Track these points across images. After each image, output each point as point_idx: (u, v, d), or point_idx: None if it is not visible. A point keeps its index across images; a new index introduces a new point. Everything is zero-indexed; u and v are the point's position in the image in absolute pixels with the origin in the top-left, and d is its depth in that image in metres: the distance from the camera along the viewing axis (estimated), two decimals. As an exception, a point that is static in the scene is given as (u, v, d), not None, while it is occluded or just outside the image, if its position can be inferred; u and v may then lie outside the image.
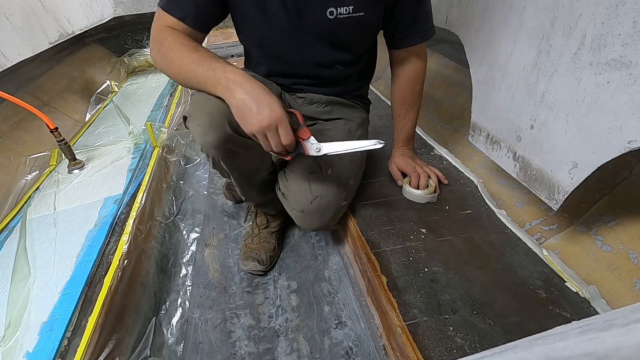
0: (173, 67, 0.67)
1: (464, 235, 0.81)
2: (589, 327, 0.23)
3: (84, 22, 1.81)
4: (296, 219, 0.84)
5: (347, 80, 0.89)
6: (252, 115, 0.59)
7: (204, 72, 0.64)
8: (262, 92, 0.60)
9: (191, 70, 0.65)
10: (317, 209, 0.79)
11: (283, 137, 0.61)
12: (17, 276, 0.81)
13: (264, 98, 0.60)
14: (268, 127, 0.60)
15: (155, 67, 2.35)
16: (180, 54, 0.65)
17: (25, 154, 1.23)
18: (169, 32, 0.68)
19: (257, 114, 0.59)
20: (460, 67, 1.30)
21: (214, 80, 0.63)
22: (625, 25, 0.49)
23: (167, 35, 0.68)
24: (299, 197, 0.80)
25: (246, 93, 0.60)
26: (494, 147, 0.85)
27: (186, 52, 0.65)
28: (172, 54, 0.66)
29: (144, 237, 0.96)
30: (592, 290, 0.65)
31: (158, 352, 0.79)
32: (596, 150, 0.57)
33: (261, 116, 0.59)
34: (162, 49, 0.68)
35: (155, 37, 0.70)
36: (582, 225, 0.75)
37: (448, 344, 0.60)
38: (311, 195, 0.79)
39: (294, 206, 0.81)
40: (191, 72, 0.65)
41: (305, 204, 0.79)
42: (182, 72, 0.66)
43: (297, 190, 0.80)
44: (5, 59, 1.21)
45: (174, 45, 0.66)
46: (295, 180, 0.81)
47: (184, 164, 1.47)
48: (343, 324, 0.84)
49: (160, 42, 0.68)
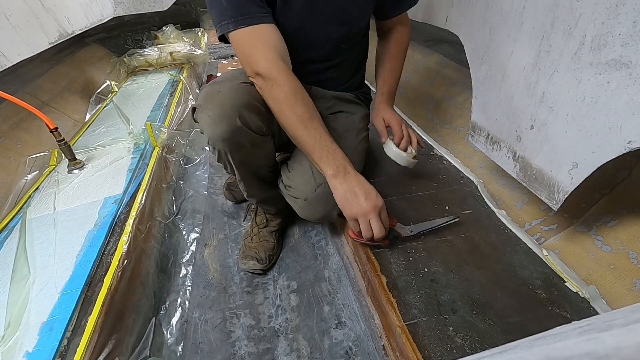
0: (286, 119, 0.71)
1: (464, 235, 0.81)
2: (589, 327, 0.23)
3: (84, 22, 1.81)
4: (300, 209, 0.84)
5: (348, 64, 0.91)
6: (360, 201, 0.68)
7: (321, 150, 0.70)
8: (367, 184, 0.71)
9: (306, 140, 0.70)
10: (321, 196, 0.80)
11: (384, 220, 0.71)
12: (17, 276, 0.81)
13: (370, 188, 0.70)
14: (372, 212, 0.68)
15: (155, 67, 2.36)
16: (299, 116, 0.70)
17: (25, 154, 1.23)
18: (282, 74, 0.69)
19: (365, 200, 0.68)
20: (460, 67, 1.30)
21: (333, 162, 0.70)
22: (625, 25, 0.49)
23: (282, 79, 0.69)
24: (302, 186, 0.81)
25: (357, 183, 0.69)
26: (494, 147, 0.85)
27: (305, 116, 0.70)
28: (289, 111, 0.70)
29: (144, 237, 0.96)
30: (592, 291, 0.65)
31: (158, 352, 0.79)
32: (596, 150, 0.57)
33: (369, 202, 0.68)
34: (277, 97, 0.70)
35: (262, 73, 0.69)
36: (582, 226, 0.75)
37: (448, 344, 0.60)
38: (315, 182, 0.79)
39: (298, 195, 0.82)
40: (305, 140, 0.70)
41: (309, 192, 0.80)
42: (294, 132, 0.71)
43: (301, 179, 0.81)
44: (5, 59, 1.21)
45: (291, 100, 0.69)
46: (299, 169, 0.82)
47: (184, 164, 1.47)
48: (343, 324, 0.84)
49: (275, 85, 0.69)
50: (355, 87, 0.97)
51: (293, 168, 0.83)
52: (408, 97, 1.52)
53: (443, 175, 1.03)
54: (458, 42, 0.95)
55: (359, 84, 0.99)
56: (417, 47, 1.61)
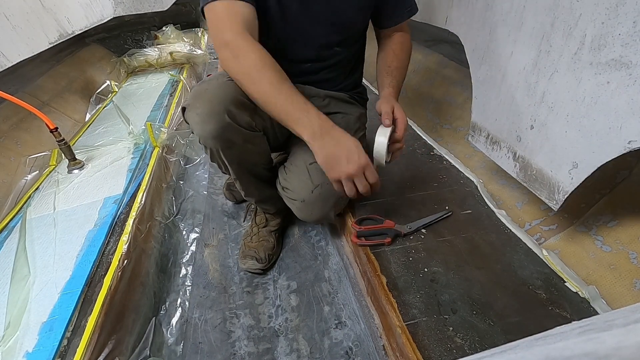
0: (255, 86, 0.67)
1: (464, 235, 0.81)
2: (589, 327, 0.23)
3: (84, 22, 1.81)
4: (298, 211, 0.84)
5: (343, 65, 0.91)
6: (342, 164, 0.65)
7: (294, 112, 0.66)
8: (350, 141, 0.67)
9: (280, 103, 0.66)
10: (318, 198, 0.80)
11: (370, 178, 0.67)
12: (17, 276, 0.81)
13: (352, 148, 0.66)
14: (356, 173, 0.66)
15: (155, 67, 2.36)
16: (268, 79, 0.66)
17: (25, 154, 1.23)
18: (246, 41, 0.66)
19: (348, 162, 0.65)
20: (460, 67, 1.30)
21: (307, 123, 0.66)
22: (625, 25, 0.49)
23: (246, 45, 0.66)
24: (299, 187, 0.81)
25: (337, 143, 0.66)
26: (494, 147, 0.85)
27: (274, 79, 0.66)
28: (258, 75, 0.66)
29: (144, 237, 0.96)
30: (592, 291, 0.65)
31: (158, 352, 0.79)
32: (596, 150, 0.57)
33: (351, 165, 0.65)
34: (244, 64, 0.66)
35: (229, 42, 0.67)
36: (582, 226, 0.75)
37: (448, 344, 0.60)
38: (312, 184, 0.79)
39: (295, 197, 0.82)
40: (279, 104, 0.66)
41: (306, 193, 0.80)
42: (265, 97, 0.67)
43: (298, 180, 0.81)
44: (5, 59, 1.21)
45: (259, 65, 0.66)
46: (296, 171, 0.82)
47: (184, 164, 1.47)
48: (343, 324, 0.84)
49: (241, 53, 0.66)
50: (350, 88, 0.97)
51: (290, 170, 0.83)
52: (408, 97, 1.52)
53: (443, 175, 1.03)
54: (458, 42, 0.95)
55: (354, 85, 0.99)
56: (417, 47, 1.60)
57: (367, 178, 0.68)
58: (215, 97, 0.69)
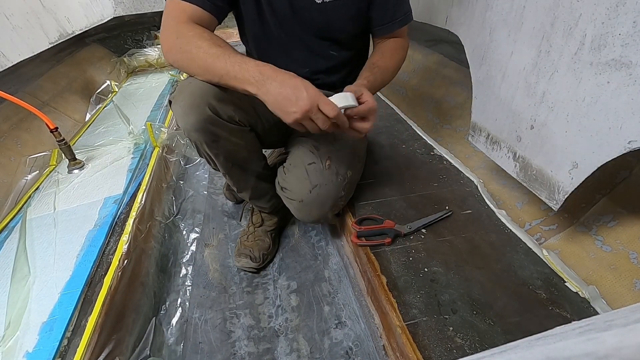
0: (194, 60, 0.66)
1: (464, 235, 0.81)
2: (589, 327, 0.23)
3: (84, 22, 1.81)
4: (296, 211, 0.84)
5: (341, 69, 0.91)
6: (292, 103, 0.60)
7: (232, 68, 0.63)
8: (295, 79, 0.62)
9: (218, 66, 0.64)
10: (316, 198, 0.80)
11: (328, 111, 0.61)
12: (17, 276, 0.81)
13: (298, 84, 0.61)
14: (310, 110, 0.60)
15: (155, 67, 2.35)
16: (204, 48, 0.64)
17: (25, 153, 1.23)
18: (188, 25, 0.67)
19: (297, 101, 0.60)
20: (460, 67, 1.30)
21: (247, 74, 0.63)
22: (625, 25, 0.49)
23: (186, 28, 0.67)
24: (297, 187, 0.81)
25: (281, 85, 0.61)
26: (494, 147, 0.85)
27: (209, 46, 0.64)
28: (194, 48, 0.65)
29: (144, 237, 0.96)
30: (592, 291, 0.65)
31: (158, 352, 0.79)
32: (596, 150, 0.57)
33: (302, 102, 0.60)
34: (181, 42, 0.66)
35: (171, 29, 0.68)
36: (582, 226, 0.75)
37: (448, 344, 0.60)
38: (310, 184, 0.79)
39: (293, 197, 0.82)
40: (218, 67, 0.64)
41: (304, 193, 0.80)
42: (205, 66, 0.65)
43: (296, 180, 0.81)
44: (5, 59, 1.21)
45: (194, 39, 0.65)
46: (294, 171, 0.82)
47: (184, 164, 1.47)
48: (343, 324, 0.84)
49: (179, 35, 0.67)
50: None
51: (289, 170, 0.83)
52: (408, 97, 1.52)
53: (443, 175, 1.03)
54: (458, 42, 0.95)
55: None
56: (417, 47, 1.61)
57: (324, 112, 0.61)
58: (197, 89, 0.69)
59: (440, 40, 1.40)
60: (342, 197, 0.85)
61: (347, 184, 0.84)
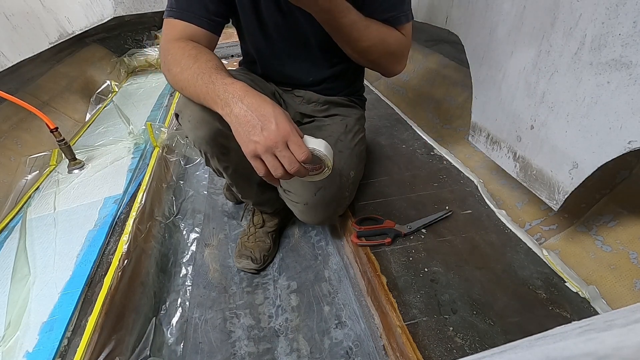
0: (177, 81, 0.64)
1: (464, 235, 0.81)
2: (589, 327, 0.23)
3: (84, 22, 1.81)
4: (301, 214, 0.84)
5: (343, 75, 0.90)
6: (256, 132, 0.52)
7: (203, 86, 0.58)
8: (266, 106, 0.53)
9: (191, 85, 0.60)
10: (321, 201, 0.80)
11: (297, 153, 0.52)
12: (17, 276, 0.81)
13: (268, 113, 0.52)
14: (276, 144, 0.51)
15: (155, 67, 2.35)
16: (182, 67, 0.62)
17: (25, 153, 1.23)
18: (174, 43, 0.66)
19: (263, 131, 0.51)
20: (460, 67, 1.30)
21: (213, 94, 0.56)
22: (625, 25, 0.49)
23: (172, 46, 0.65)
24: (302, 191, 0.80)
25: (248, 107, 0.53)
26: (494, 147, 0.85)
27: (187, 64, 0.61)
28: (175, 68, 0.63)
29: (144, 237, 0.96)
30: (592, 291, 0.65)
31: (158, 352, 0.79)
32: (596, 150, 0.57)
33: (268, 133, 0.51)
34: (166, 63, 0.65)
35: (162, 47, 0.68)
36: (582, 226, 0.75)
37: (448, 344, 0.60)
38: (314, 186, 0.79)
39: (298, 200, 0.81)
40: (191, 86, 0.60)
41: (308, 196, 0.80)
42: (184, 87, 0.62)
43: (300, 183, 0.81)
44: (5, 59, 1.21)
45: (177, 57, 0.63)
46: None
47: (184, 164, 1.47)
48: (343, 324, 0.84)
49: (165, 55, 0.66)
50: (351, 92, 0.96)
51: None
52: (408, 97, 1.52)
53: (443, 175, 1.03)
54: (458, 42, 0.95)
55: (356, 90, 0.98)
56: (417, 47, 1.61)
57: (293, 151, 0.52)
58: None
59: (441, 40, 1.40)
60: (346, 198, 0.85)
61: (350, 184, 0.84)
